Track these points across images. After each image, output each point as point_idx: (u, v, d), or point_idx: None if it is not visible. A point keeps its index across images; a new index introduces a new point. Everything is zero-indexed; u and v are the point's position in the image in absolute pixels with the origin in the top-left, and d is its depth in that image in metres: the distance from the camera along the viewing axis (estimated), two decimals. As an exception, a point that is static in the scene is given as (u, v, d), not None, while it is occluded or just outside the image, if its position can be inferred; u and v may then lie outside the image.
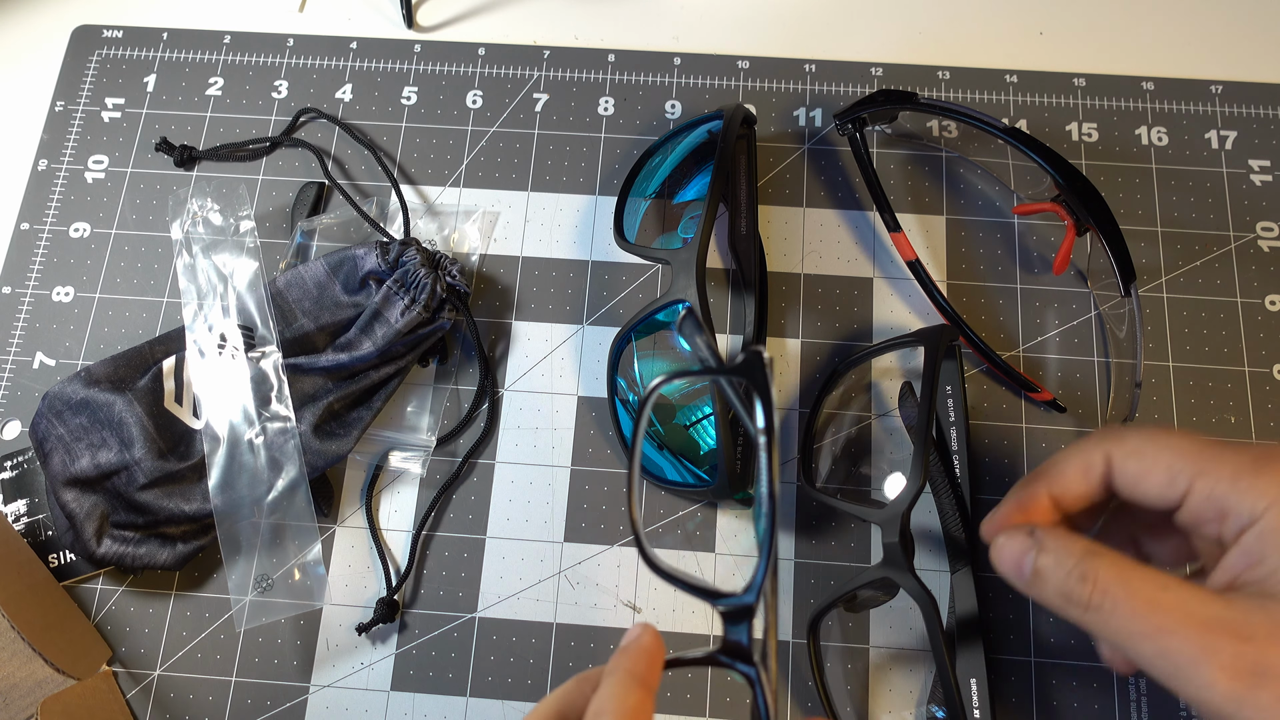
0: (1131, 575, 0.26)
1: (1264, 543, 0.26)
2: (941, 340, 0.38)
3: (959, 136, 0.47)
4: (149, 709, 0.39)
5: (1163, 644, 0.25)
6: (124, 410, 0.39)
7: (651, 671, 0.27)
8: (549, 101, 0.49)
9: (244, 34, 0.50)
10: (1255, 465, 0.27)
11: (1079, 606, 0.27)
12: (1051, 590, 0.28)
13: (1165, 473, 0.28)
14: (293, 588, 0.39)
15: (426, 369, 0.44)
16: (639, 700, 0.25)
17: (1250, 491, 0.26)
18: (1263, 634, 0.24)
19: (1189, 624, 0.25)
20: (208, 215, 0.44)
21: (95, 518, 0.38)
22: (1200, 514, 0.28)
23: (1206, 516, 0.27)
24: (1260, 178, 0.46)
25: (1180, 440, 0.28)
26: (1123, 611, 0.26)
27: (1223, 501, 0.27)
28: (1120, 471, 0.29)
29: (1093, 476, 0.30)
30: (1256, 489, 0.26)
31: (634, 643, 0.27)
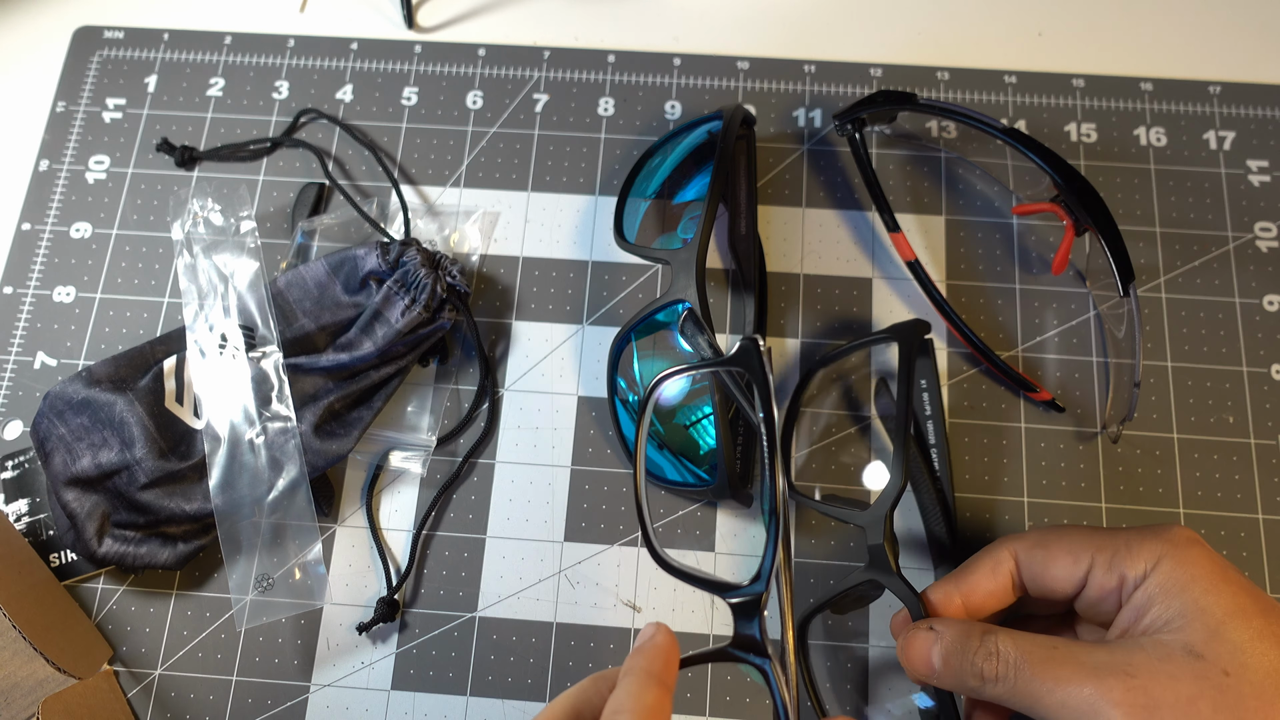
0: (1023, 641, 0.29)
1: (1148, 595, 0.29)
2: (915, 335, 0.38)
3: (958, 137, 0.47)
4: (150, 708, 0.39)
5: (1062, 695, 0.27)
6: (125, 410, 0.39)
7: (668, 670, 0.27)
8: (549, 102, 0.49)
9: (245, 35, 0.50)
10: (1143, 535, 0.30)
11: (990, 682, 0.29)
12: (966, 675, 0.30)
13: (1068, 554, 0.31)
14: (293, 587, 0.40)
15: (427, 369, 0.44)
16: (657, 699, 0.26)
17: (1141, 553, 0.29)
18: (1145, 670, 0.27)
19: (1081, 672, 0.27)
20: (208, 215, 0.44)
21: (96, 517, 0.38)
22: (1103, 585, 0.30)
23: (1108, 586, 0.30)
24: (1258, 178, 0.46)
25: (1076, 528, 0.32)
26: (1024, 675, 0.28)
27: (1121, 568, 0.29)
28: (1027, 562, 0.32)
29: (1000, 573, 0.32)
30: (1146, 549, 0.29)
31: (649, 641, 0.28)
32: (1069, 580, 0.31)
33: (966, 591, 0.32)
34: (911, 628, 0.32)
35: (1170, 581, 0.29)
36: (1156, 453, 0.42)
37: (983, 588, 0.32)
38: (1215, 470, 0.42)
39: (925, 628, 0.31)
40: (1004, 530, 0.41)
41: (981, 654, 0.29)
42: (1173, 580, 0.29)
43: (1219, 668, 0.27)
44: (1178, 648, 0.27)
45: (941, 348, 0.44)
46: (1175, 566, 0.29)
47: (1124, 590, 0.30)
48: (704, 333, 0.37)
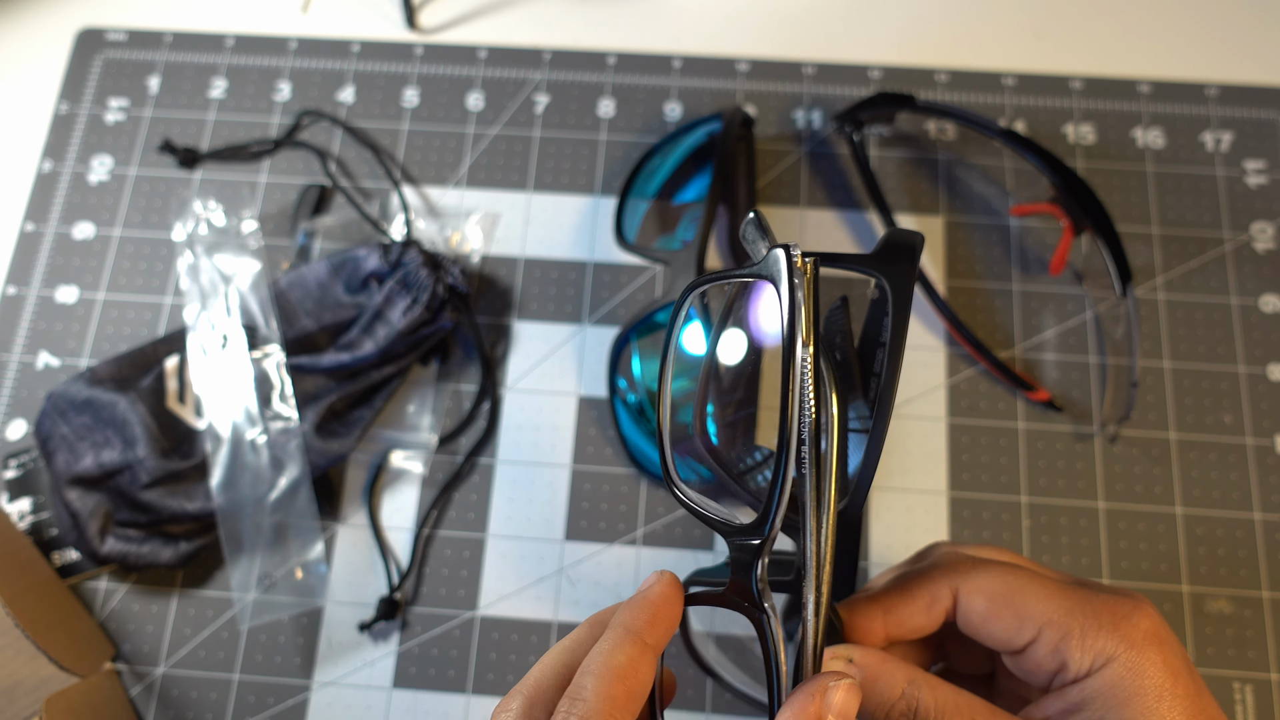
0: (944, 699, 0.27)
1: (1084, 695, 0.27)
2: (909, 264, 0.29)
3: (957, 138, 0.48)
4: (152, 706, 0.40)
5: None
6: (127, 410, 0.39)
7: (654, 626, 0.25)
8: (550, 103, 0.49)
9: (247, 36, 0.51)
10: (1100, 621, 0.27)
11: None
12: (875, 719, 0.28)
13: (1014, 619, 0.28)
14: (295, 586, 0.40)
15: (428, 369, 0.44)
16: (629, 660, 0.24)
17: (1093, 647, 0.27)
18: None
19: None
20: (211, 216, 0.45)
21: (99, 516, 0.38)
22: (1040, 664, 0.28)
23: (1045, 668, 0.27)
24: (1255, 179, 0.47)
25: (1030, 585, 0.28)
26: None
27: (1066, 655, 0.27)
28: (966, 608, 0.29)
29: (935, 611, 0.29)
30: (1099, 645, 0.27)
31: (641, 593, 0.26)
32: (1005, 643, 0.28)
33: (894, 624, 0.30)
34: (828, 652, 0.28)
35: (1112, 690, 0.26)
36: (1154, 452, 0.42)
37: (912, 622, 0.30)
38: (1212, 470, 0.42)
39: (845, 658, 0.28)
40: (1002, 530, 0.41)
41: (899, 708, 0.27)
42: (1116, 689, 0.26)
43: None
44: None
45: (940, 348, 0.44)
46: (1125, 674, 0.26)
47: (1061, 675, 0.27)
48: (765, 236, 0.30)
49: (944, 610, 0.29)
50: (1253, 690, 0.39)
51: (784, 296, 0.25)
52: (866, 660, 0.28)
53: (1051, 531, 0.41)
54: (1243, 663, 0.39)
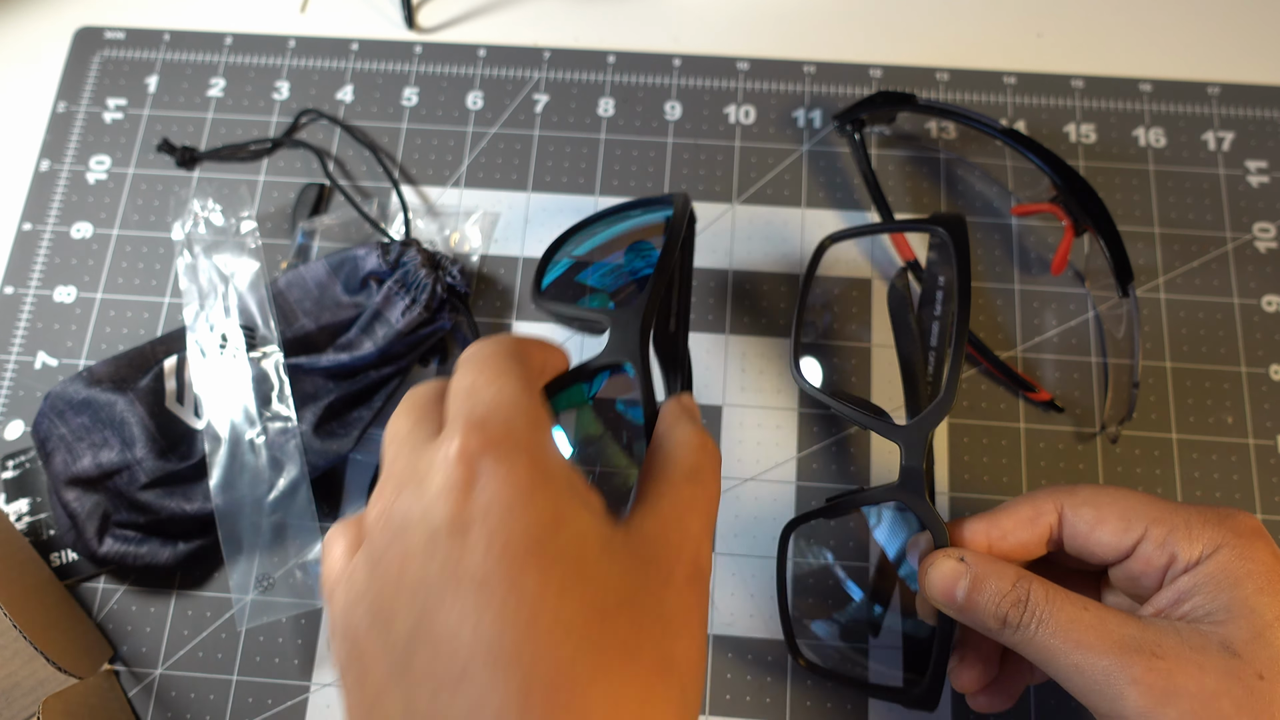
0: (1056, 595, 0.28)
1: (1196, 582, 0.27)
2: (962, 226, 0.35)
3: (958, 137, 0.47)
4: (150, 708, 0.39)
5: (1079, 658, 0.27)
6: (125, 410, 0.39)
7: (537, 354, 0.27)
8: (549, 103, 0.49)
9: (245, 35, 0.51)
10: (1205, 517, 0.28)
11: (1011, 627, 0.28)
12: (987, 615, 0.29)
13: (1121, 520, 0.29)
14: (294, 586, 0.40)
15: (427, 369, 0.44)
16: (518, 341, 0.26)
17: (1201, 538, 0.28)
18: (1173, 655, 0.26)
19: (1105, 641, 0.26)
20: (209, 216, 0.45)
21: (97, 517, 0.38)
22: (1151, 561, 0.28)
23: (1156, 564, 0.28)
24: (1257, 179, 0.46)
25: (1131, 493, 0.30)
26: (1047, 628, 0.27)
27: (1175, 547, 0.28)
28: (1074, 520, 0.30)
29: (1040, 525, 0.31)
30: (1206, 536, 0.28)
31: None
32: (1114, 548, 0.29)
33: (998, 536, 0.31)
34: (940, 553, 0.30)
35: (1224, 573, 0.27)
36: (1155, 453, 0.42)
37: (1016, 536, 0.31)
38: (1214, 470, 0.42)
39: (956, 558, 0.30)
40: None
41: (1010, 599, 0.28)
42: (1227, 572, 0.27)
43: (1254, 670, 0.25)
44: (1215, 641, 0.26)
45: (941, 348, 0.44)
46: (1233, 559, 0.27)
47: (1171, 570, 0.28)
48: None
49: (1048, 526, 0.30)
50: (1254, 691, 0.39)
51: None
52: (976, 558, 0.30)
53: (1053, 532, 0.41)
54: (1244, 664, 0.39)
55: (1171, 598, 0.28)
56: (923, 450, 0.33)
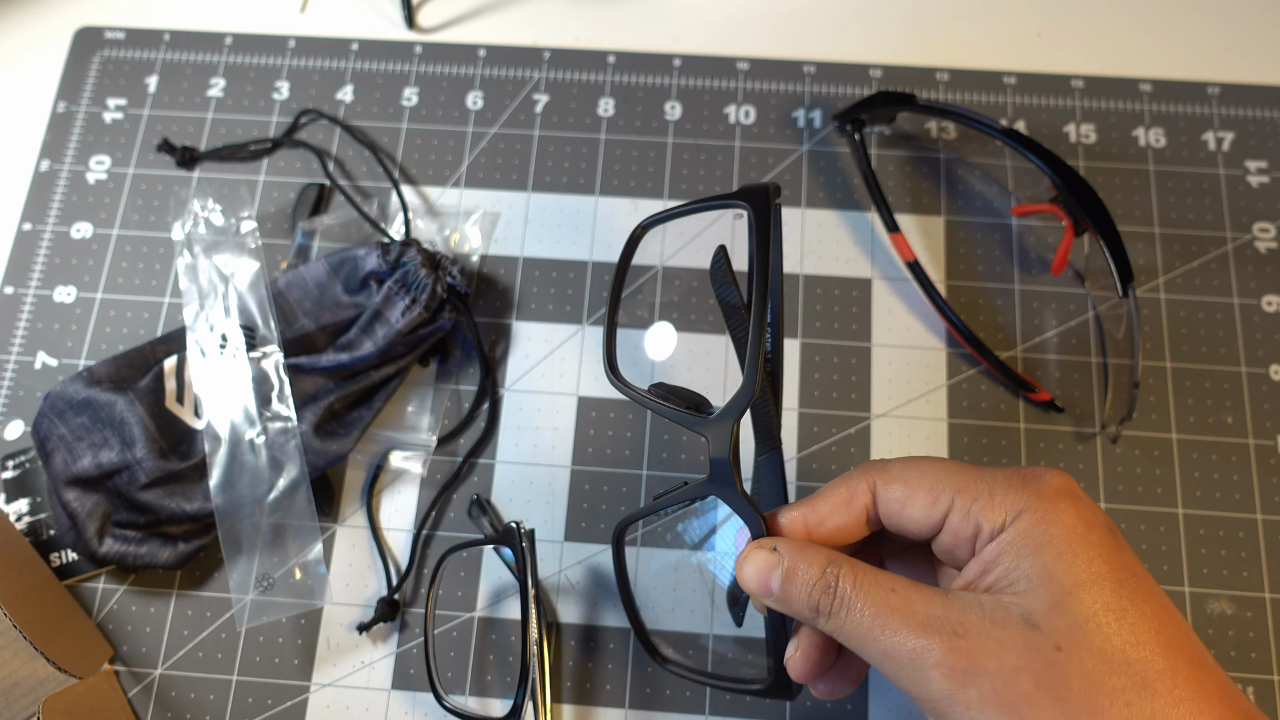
0: (864, 578, 0.27)
1: (1000, 550, 0.26)
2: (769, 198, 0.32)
3: (958, 138, 0.47)
4: (150, 708, 0.39)
5: (886, 643, 0.26)
6: (125, 410, 0.39)
7: None
8: (549, 103, 0.49)
9: (245, 35, 0.51)
10: (1009, 481, 0.27)
11: (824, 615, 0.27)
12: (801, 605, 0.28)
13: (928, 494, 0.28)
14: (294, 587, 0.40)
15: (427, 369, 0.44)
16: None
17: (1002, 505, 0.27)
18: (974, 632, 0.25)
19: (909, 623, 0.26)
20: (209, 216, 0.45)
21: (97, 517, 0.38)
22: (958, 533, 0.28)
23: (963, 535, 0.28)
24: (1257, 179, 0.46)
25: (940, 464, 0.29)
26: (855, 614, 0.27)
27: (978, 516, 0.27)
28: (885, 498, 0.29)
29: (855, 506, 0.30)
30: (1007, 502, 0.27)
31: None
32: (924, 523, 0.28)
33: (815, 522, 0.30)
34: (753, 545, 0.30)
35: (1024, 540, 0.26)
36: (1155, 453, 0.42)
37: (833, 520, 0.30)
38: (1214, 470, 0.42)
39: (769, 548, 0.29)
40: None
41: (820, 585, 0.27)
42: (1027, 539, 0.26)
43: (1052, 642, 0.24)
44: (1015, 613, 0.25)
45: (941, 348, 0.44)
46: (1035, 524, 0.26)
47: (979, 540, 0.27)
48: None
49: (863, 506, 0.30)
50: (1254, 691, 0.39)
51: None
52: (788, 546, 0.29)
53: (1053, 532, 0.41)
54: (1245, 664, 0.39)
55: (978, 569, 0.27)
56: (728, 440, 0.30)
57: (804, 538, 0.30)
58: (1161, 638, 0.24)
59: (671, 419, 0.32)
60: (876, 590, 0.27)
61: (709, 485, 0.31)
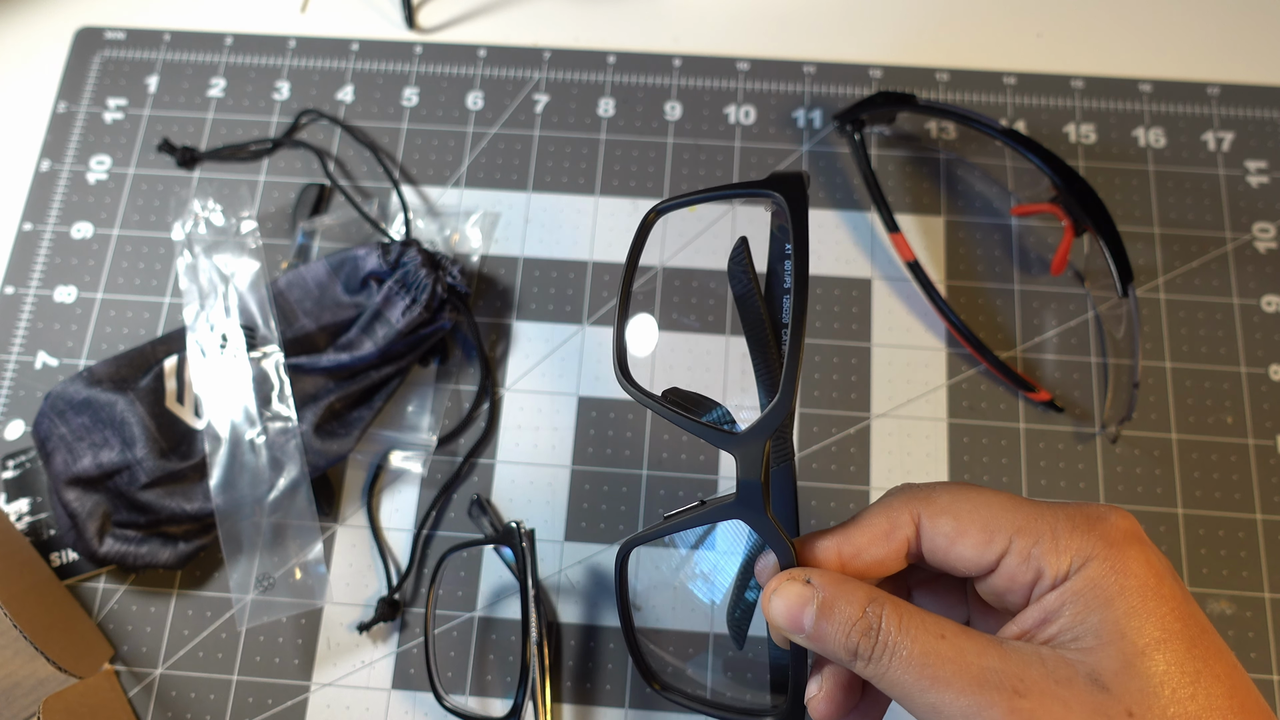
0: (911, 622, 0.25)
1: (1063, 600, 0.25)
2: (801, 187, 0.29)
3: (958, 138, 0.48)
4: (151, 707, 0.39)
5: (935, 698, 0.24)
6: (126, 410, 0.39)
7: None
8: (549, 103, 0.49)
9: (246, 36, 0.51)
10: (1072, 522, 0.25)
11: (863, 660, 0.25)
12: (837, 646, 0.25)
13: (983, 532, 0.26)
14: (294, 586, 0.40)
15: (427, 369, 0.44)
16: None
17: (1067, 550, 0.25)
18: (1037, 690, 0.23)
19: (963, 676, 0.23)
20: (209, 216, 0.45)
21: (97, 517, 0.38)
22: (1015, 577, 0.25)
23: (1021, 580, 0.25)
24: (1257, 179, 0.46)
25: (993, 498, 0.26)
26: (900, 662, 0.24)
27: (1041, 561, 0.25)
28: (931, 533, 0.27)
29: (896, 539, 0.27)
30: (1075, 545, 0.25)
31: None
32: (976, 563, 0.26)
33: (850, 554, 0.27)
34: (785, 576, 0.27)
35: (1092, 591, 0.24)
36: (1155, 453, 0.42)
37: (870, 553, 0.27)
38: (1213, 470, 0.42)
39: (802, 580, 0.26)
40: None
41: (862, 625, 0.25)
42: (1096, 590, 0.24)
43: (1123, 706, 0.23)
44: (1082, 673, 0.23)
45: (941, 348, 0.44)
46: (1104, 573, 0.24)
47: (1038, 586, 0.25)
48: None
49: (905, 539, 0.27)
50: (1254, 691, 0.39)
51: None
52: (824, 580, 0.26)
53: (1052, 532, 0.41)
54: (1244, 664, 0.39)
55: (1037, 617, 0.25)
56: (760, 460, 0.27)
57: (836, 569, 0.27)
58: (1234, 703, 0.23)
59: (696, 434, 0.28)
60: (925, 636, 0.24)
61: (737, 509, 0.28)
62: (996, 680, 0.23)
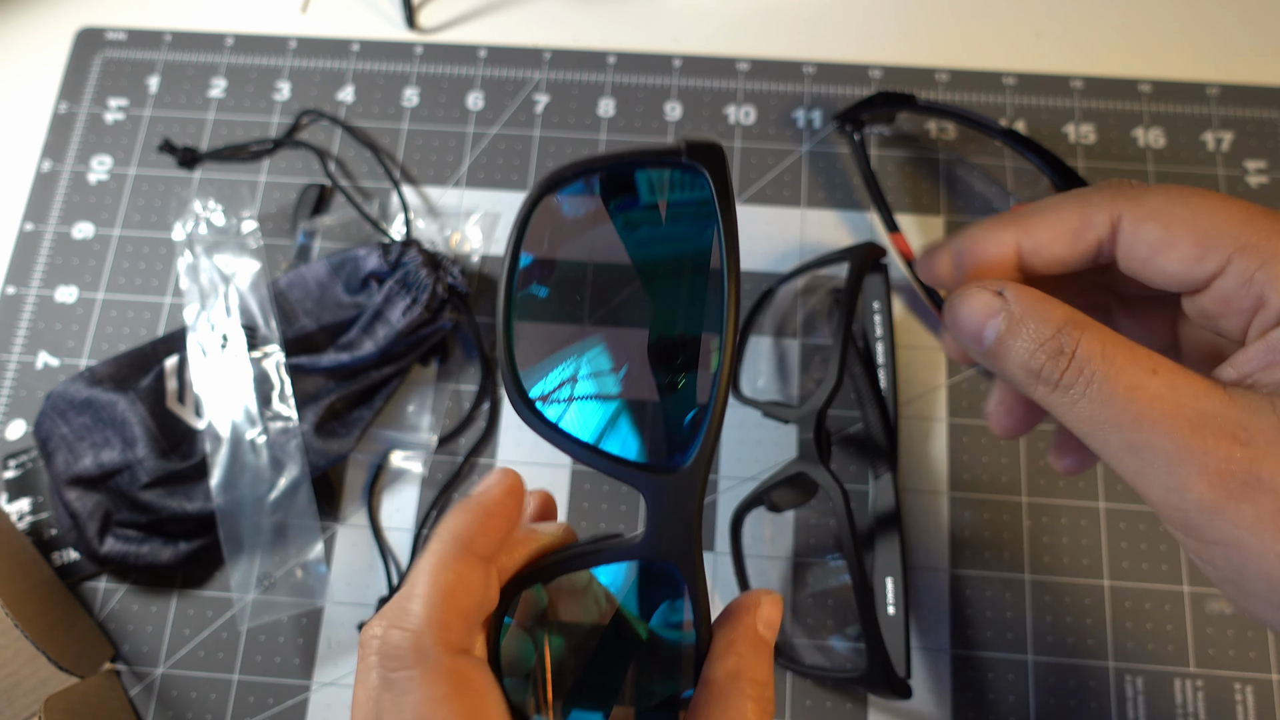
0: (1116, 352, 0.22)
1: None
2: (867, 255, 0.38)
3: (957, 138, 0.48)
4: (152, 707, 0.39)
5: (1137, 436, 0.21)
6: (127, 410, 0.39)
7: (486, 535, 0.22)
8: (550, 103, 0.49)
9: (246, 36, 0.51)
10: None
11: (1047, 384, 0.22)
12: (1017, 365, 0.23)
13: (1196, 245, 0.22)
14: (295, 586, 0.40)
15: (428, 368, 0.44)
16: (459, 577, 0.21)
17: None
18: (1263, 440, 0.20)
19: (1175, 416, 0.21)
20: (210, 216, 0.45)
21: (98, 516, 0.38)
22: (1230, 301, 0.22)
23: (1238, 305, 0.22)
24: (1256, 179, 0.46)
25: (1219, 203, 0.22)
26: (1097, 394, 0.21)
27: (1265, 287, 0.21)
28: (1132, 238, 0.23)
29: (1086, 239, 0.24)
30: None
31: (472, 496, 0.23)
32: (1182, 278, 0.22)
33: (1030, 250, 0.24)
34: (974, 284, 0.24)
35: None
36: (1155, 452, 0.42)
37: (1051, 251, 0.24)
38: (1213, 470, 0.42)
39: (993, 290, 0.23)
40: (1002, 530, 0.41)
41: (1051, 347, 0.22)
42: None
43: None
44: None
45: (940, 347, 0.44)
46: None
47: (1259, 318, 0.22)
48: None
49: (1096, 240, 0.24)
50: (1253, 691, 0.39)
51: None
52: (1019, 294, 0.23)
53: (1052, 532, 0.41)
54: (1243, 663, 0.39)
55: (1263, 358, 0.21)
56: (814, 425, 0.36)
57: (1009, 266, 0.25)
58: None
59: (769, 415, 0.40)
60: (1133, 369, 0.21)
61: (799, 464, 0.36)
62: (1216, 425, 0.20)
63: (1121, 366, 0.21)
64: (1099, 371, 0.21)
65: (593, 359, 0.26)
